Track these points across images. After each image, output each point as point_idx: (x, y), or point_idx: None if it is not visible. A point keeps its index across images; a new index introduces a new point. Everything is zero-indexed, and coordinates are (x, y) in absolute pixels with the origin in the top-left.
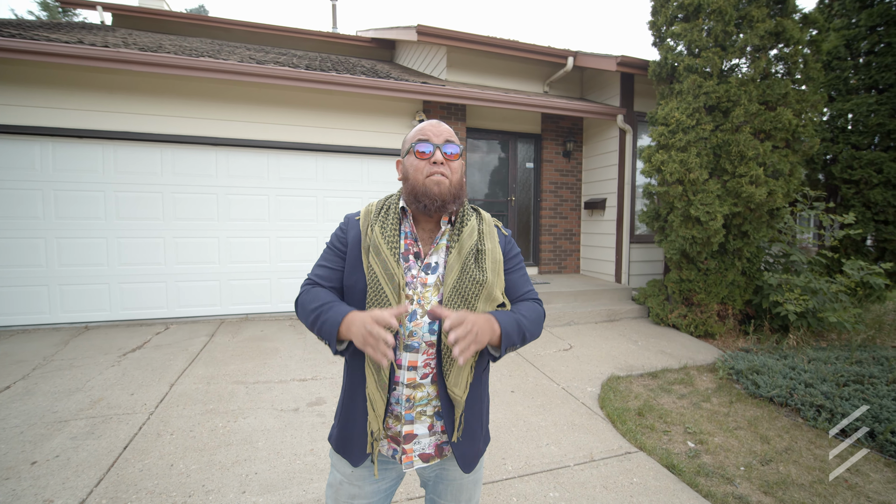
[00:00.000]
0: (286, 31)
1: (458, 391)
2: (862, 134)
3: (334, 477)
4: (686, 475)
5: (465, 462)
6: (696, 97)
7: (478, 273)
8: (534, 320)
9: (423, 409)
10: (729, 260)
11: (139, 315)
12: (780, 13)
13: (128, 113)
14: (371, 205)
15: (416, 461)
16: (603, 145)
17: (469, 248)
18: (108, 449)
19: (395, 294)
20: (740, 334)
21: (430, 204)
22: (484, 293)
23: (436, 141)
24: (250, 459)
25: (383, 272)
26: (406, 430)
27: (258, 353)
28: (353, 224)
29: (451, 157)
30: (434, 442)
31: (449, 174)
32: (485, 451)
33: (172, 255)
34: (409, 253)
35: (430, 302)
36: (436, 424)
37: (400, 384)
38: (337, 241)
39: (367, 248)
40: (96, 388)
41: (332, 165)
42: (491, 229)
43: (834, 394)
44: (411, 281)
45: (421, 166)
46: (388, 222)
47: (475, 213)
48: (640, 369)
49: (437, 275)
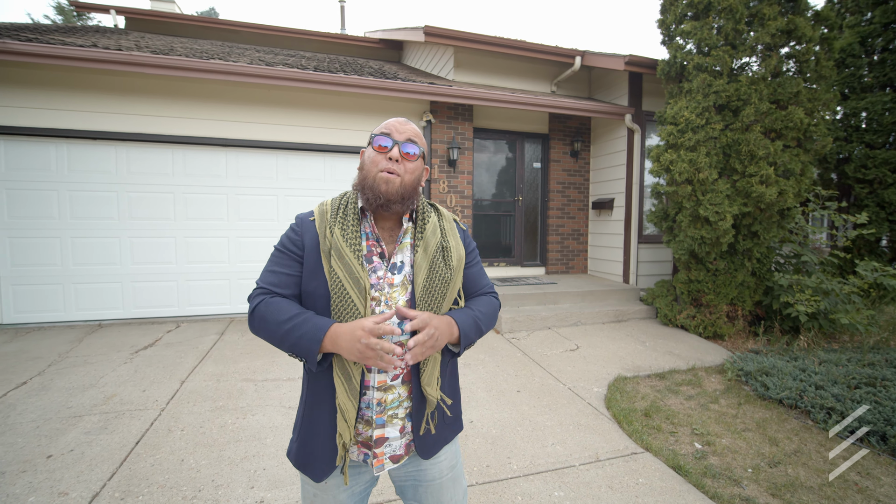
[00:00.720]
0: (295, 33)
1: (431, 390)
2: (876, 132)
3: (306, 490)
4: (692, 476)
5: (423, 448)
6: (705, 96)
7: (446, 271)
8: (490, 314)
9: (395, 412)
10: (738, 260)
11: (151, 313)
12: (791, 11)
13: (140, 115)
14: (325, 204)
15: (386, 463)
16: (611, 145)
17: (434, 246)
18: (121, 444)
19: (361, 298)
20: (750, 335)
21: (374, 200)
22: (450, 291)
23: (397, 137)
24: (259, 455)
25: (348, 276)
26: (377, 434)
27: (267, 351)
28: (307, 226)
29: (408, 156)
30: (404, 443)
31: (402, 173)
32: (451, 438)
33: (183, 255)
34: (372, 254)
35: (398, 301)
36: (407, 426)
37: (370, 388)
38: (291, 244)
39: (328, 251)
40: (109, 385)
41: (340, 166)
42: (451, 225)
43: (845, 396)
44: (377, 282)
45: (377, 159)
46: (347, 223)
47: (433, 209)
48: (647, 370)
49: (403, 274)
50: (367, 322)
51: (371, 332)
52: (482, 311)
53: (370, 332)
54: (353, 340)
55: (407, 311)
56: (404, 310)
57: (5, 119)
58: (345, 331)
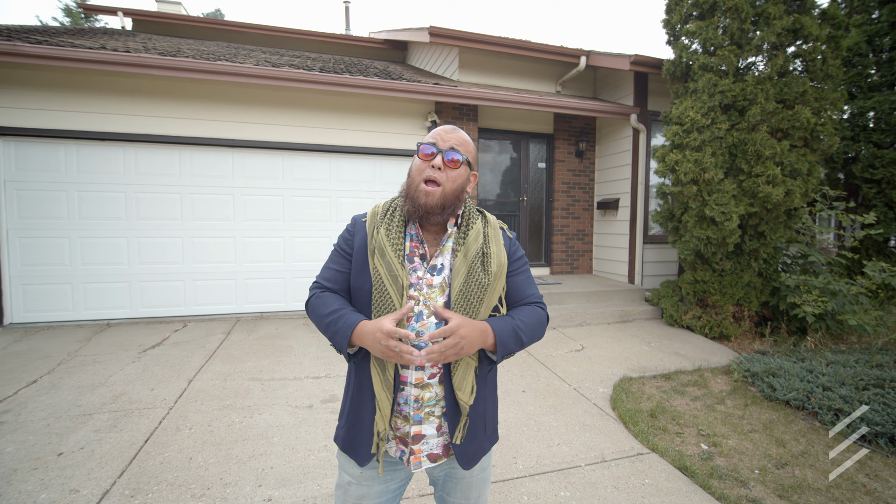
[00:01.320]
0: (300, 34)
1: (462, 395)
2: (884, 132)
3: (342, 478)
4: (699, 477)
5: (464, 459)
6: (711, 96)
7: (483, 276)
8: (533, 325)
9: (432, 410)
10: (745, 261)
11: (158, 313)
12: (798, 10)
13: (148, 116)
14: (378, 206)
15: (424, 461)
16: (616, 145)
17: (475, 252)
18: (130, 442)
19: (398, 295)
20: (756, 336)
21: (414, 212)
22: (487, 296)
23: (441, 146)
24: (266, 454)
25: (388, 274)
26: (414, 430)
27: (273, 350)
28: (359, 226)
29: (451, 163)
30: (442, 442)
31: (444, 181)
32: (489, 448)
33: (190, 255)
34: (414, 255)
35: (436, 303)
36: (444, 425)
37: (408, 384)
38: (344, 243)
39: (373, 250)
40: (118, 383)
41: (346, 166)
42: (496, 232)
43: (853, 398)
44: (417, 282)
45: (422, 167)
46: (393, 224)
47: (481, 215)
48: (653, 371)
49: (442, 276)
50: (387, 324)
51: (389, 335)
52: (524, 321)
53: (388, 334)
54: (375, 341)
55: (443, 312)
56: (441, 310)
57: (15, 120)
58: (368, 330)
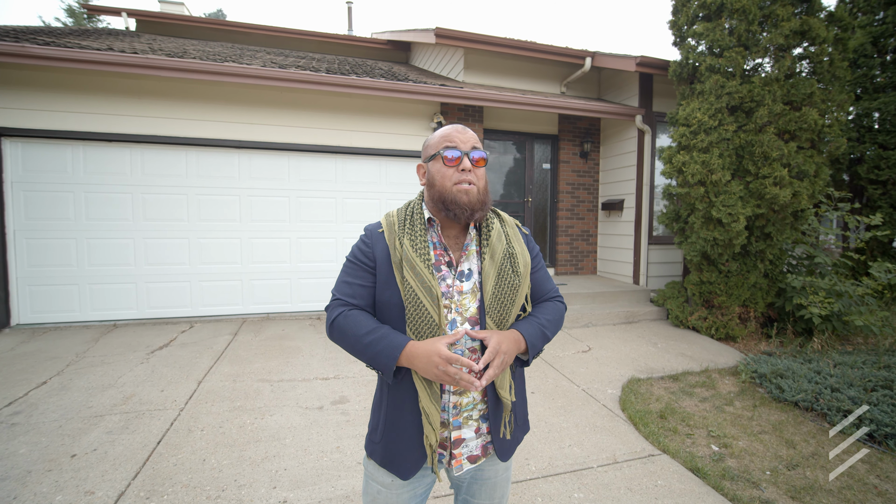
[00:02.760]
0: (303, 35)
1: (504, 393)
2: (890, 133)
3: (371, 486)
4: (711, 478)
5: (503, 451)
6: (718, 97)
7: (514, 278)
8: (556, 321)
9: (470, 414)
10: (751, 262)
11: (164, 314)
12: (805, 11)
13: (154, 117)
14: (391, 215)
15: (465, 463)
16: (621, 146)
17: (501, 253)
18: (143, 443)
19: (434, 307)
20: (762, 337)
21: (461, 213)
22: (518, 297)
23: (463, 147)
24: (279, 456)
25: (420, 286)
26: (455, 435)
27: (281, 351)
28: (377, 238)
29: (477, 163)
30: (480, 444)
31: (476, 181)
32: (522, 438)
33: (196, 256)
34: (440, 263)
35: (469, 309)
36: (481, 427)
37: (447, 391)
38: (363, 255)
39: (399, 262)
40: (128, 385)
41: (351, 167)
42: (515, 231)
43: (862, 399)
44: (447, 290)
45: (449, 173)
46: (416, 233)
47: (495, 215)
48: (660, 372)
49: (472, 281)
50: (444, 349)
51: (448, 361)
52: (548, 319)
53: (446, 360)
54: (430, 365)
55: (477, 334)
56: (475, 333)
57: (22, 121)
58: (421, 353)
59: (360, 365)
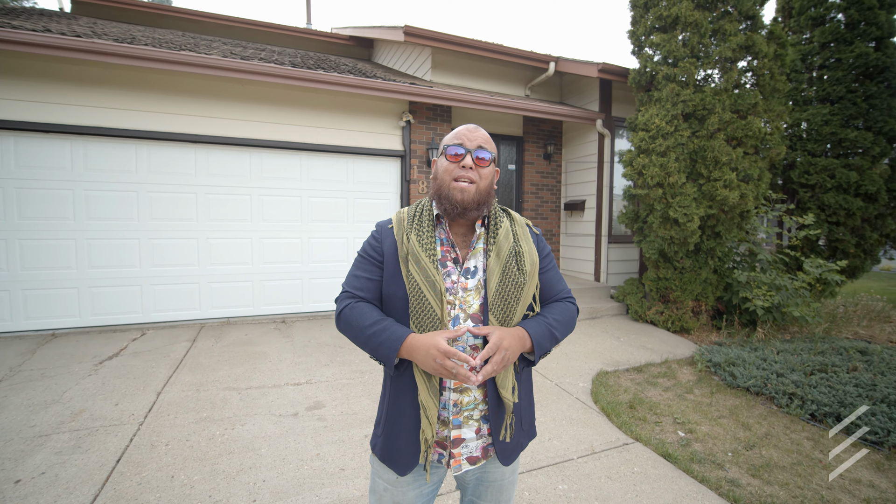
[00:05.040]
0: (259, 26)
1: (506, 393)
2: (817, 142)
3: (377, 484)
4: (681, 462)
5: (504, 455)
6: (674, 104)
7: (519, 276)
8: (566, 322)
9: (471, 414)
10: (703, 259)
11: (112, 321)
12: (749, 28)
13: (91, 106)
14: (402, 212)
15: (464, 464)
16: (582, 149)
17: (507, 251)
18: (100, 463)
19: (437, 301)
20: (713, 329)
21: (451, 209)
22: (523, 296)
23: (468, 145)
24: (255, 467)
25: (424, 280)
26: (454, 434)
27: (246, 357)
28: (386, 233)
29: (481, 162)
30: (481, 445)
31: (477, 180)
32: (526, 444)
33: (148, 257)
34: (446, 259)
35: (472, 306)
36: (482, 428)
37: (447, 389)
38: (372, 250)
39: (406, 257)
40: (75, 399)
41: (317, 165)
42: (524, 230)
43: (803, 382)
44: (451, 286)
45: (450, 168)
46: (423, 229)
47: (506, 214)
48: (625, 364)
49: (476, 279)
50: (442, 343)
51: (446, 355)
52: (557, 319)
53: (444, 353)
54: (429, 357)
55: (480, 330)
56: (478, 329)
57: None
58: (420, 345)
59: (334, 368)
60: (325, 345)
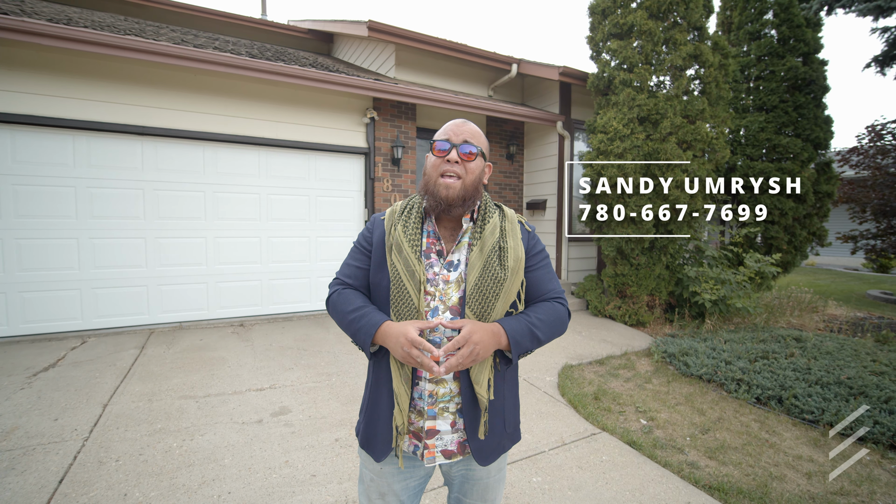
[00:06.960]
0: (211, 14)
1: (480, 389)
2: (754, 147)
3: (364, 474)
4: (645, 449)
5: (481, 455)
6: (630, 108)
7: (500, 271)
8: (551, 322)
9: (446, 406)
10: (656, 255)
11: (46, 328)
12: (697, 38)
13: (33, 94)
14: (396, 205)
15: (438, 457)
16: (543, 149)
17: (491, 246)
18: (39, 485)
19: (415, 290)
20: (666, 322)
21: (436, 205)
22: (503, 291)
23: (454, 140)
24: (219, 479)
25: (405, 269)
26: (428, 425)
27: (202, 363)
28: (378, 224)
29: (467, 156)
30: (457, 439)
31: (463, 174)
32: (509, 447)
33: (88, 259)
34: (431, 251)
35: (451, 298)
36: (458, 421)
37: (423, 379)
38: (363, 240)
39: (391, 246)
40: (6, 416)
41: (276, 161)
42: (514, 226)
43: (749, 369)
44: (433, 278)
45: (437, 164)
46: (410, 221)
47: (498, 209)
48: (588, 357)
49: (458, 272)
50: (411, 332)
51: (412, 344)
52: (540, 318)
53: (412, 342)
54: (398, 345)
55: (453, 324)
56: (451, 322)
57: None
58: (392, 333)
59: (298, 372)
60: (288, 348)
